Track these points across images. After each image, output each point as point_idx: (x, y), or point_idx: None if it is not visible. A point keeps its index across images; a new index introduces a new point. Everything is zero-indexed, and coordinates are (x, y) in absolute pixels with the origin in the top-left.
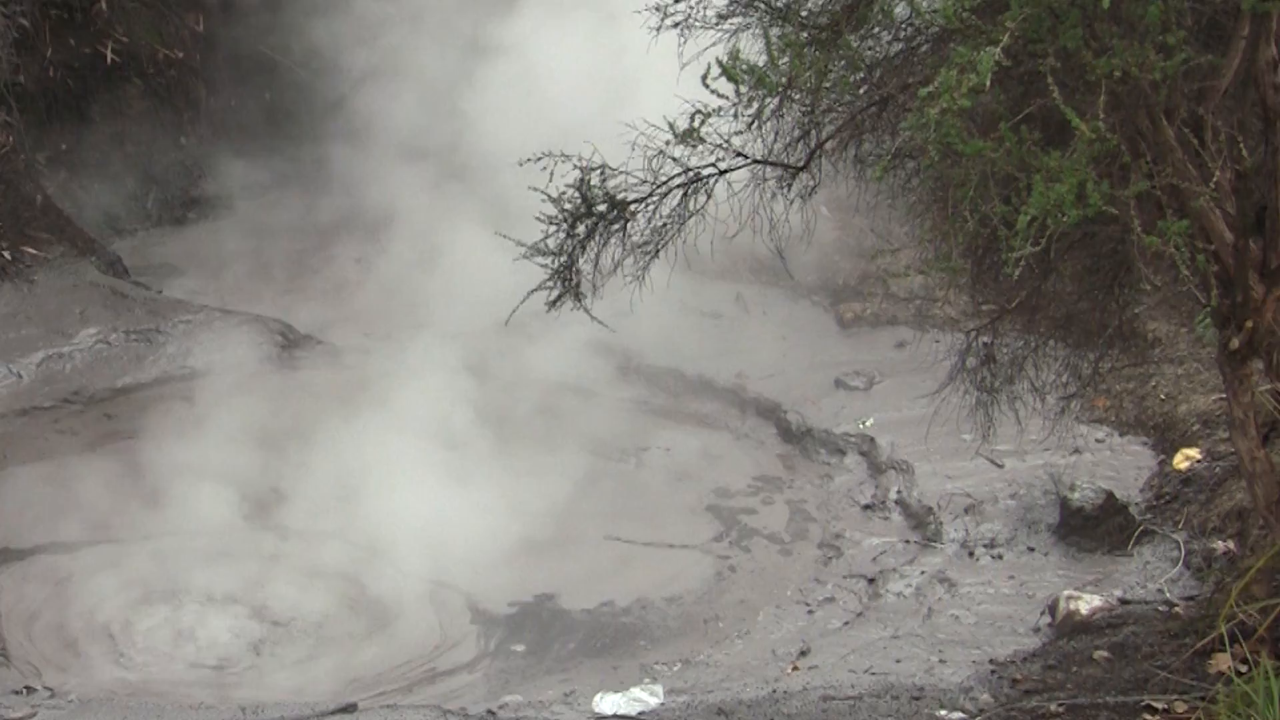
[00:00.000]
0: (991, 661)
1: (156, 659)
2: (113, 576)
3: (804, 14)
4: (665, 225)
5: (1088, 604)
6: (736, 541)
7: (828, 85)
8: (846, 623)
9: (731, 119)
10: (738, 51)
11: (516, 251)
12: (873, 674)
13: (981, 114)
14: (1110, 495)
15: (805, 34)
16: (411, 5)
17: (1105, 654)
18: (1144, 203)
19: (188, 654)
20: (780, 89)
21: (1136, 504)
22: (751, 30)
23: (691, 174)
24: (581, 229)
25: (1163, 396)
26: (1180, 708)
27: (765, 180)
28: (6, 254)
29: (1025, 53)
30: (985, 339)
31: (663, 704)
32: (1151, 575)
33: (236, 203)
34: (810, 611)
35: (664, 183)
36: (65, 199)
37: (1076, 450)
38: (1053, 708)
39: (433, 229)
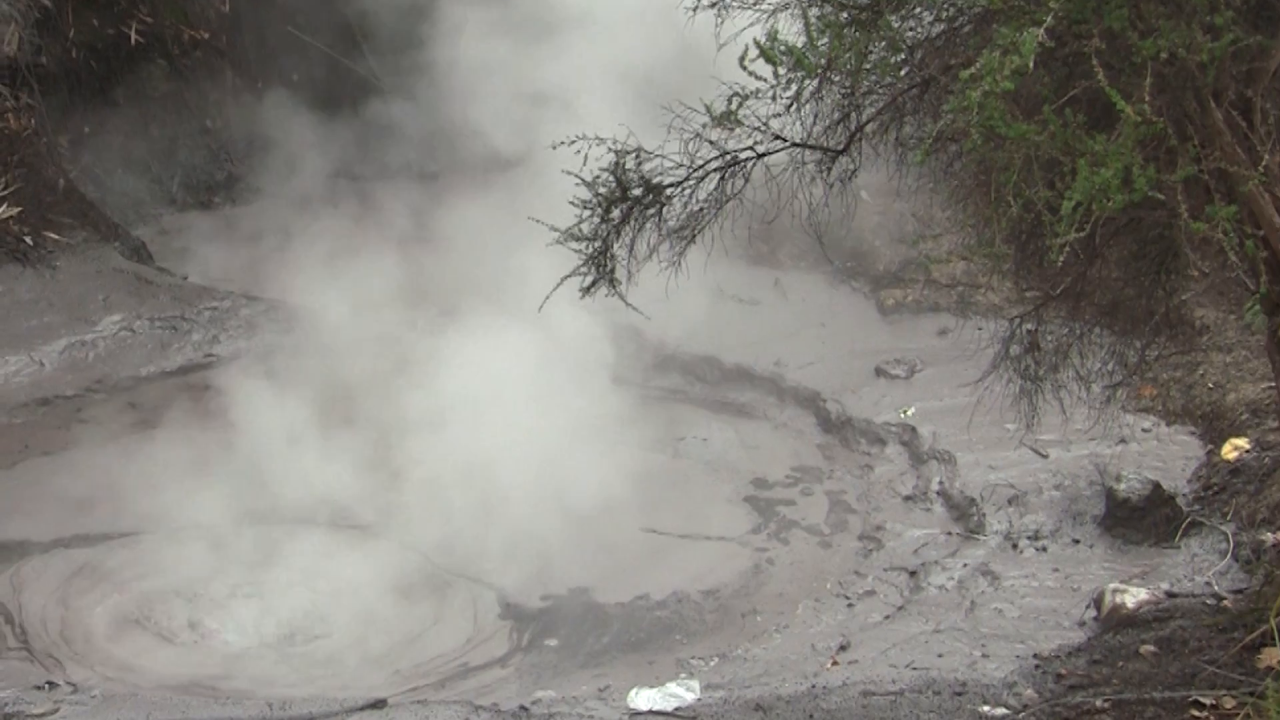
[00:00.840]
0: (1035, 656)
1: (182, 653)
2: (137, 569)
3: None
4: (702, 210)
5: (1134, 597)
6: (775, 533)
7: (868, 67)
8: (887, 616)
9: (769, 101)
10: (776, 32)
11: (551, 236)
12: (914, 669)
13: (1025, 96)
14: (1157, 486)
15: (845, 14)
16: None
17: (1152, 648)
18: (1191, 187)
19: (216, 648)
20: (819, 71)
21: (1184, 495)
22: (790, 10)
23: (729, 157)
24: (616, 213)
25: (1211, 385)
26: (1229, 703)
27: (804, 164)
28: (28, 239)
29: (1069, 34)
30: (1029, 326)
31: (699, 699)
32: (1199, 568)
33: (264, 186)
34: (850, 605)
35: (700, 166)
36: (88, 183)
37: (1122, 440)
38: (1098, 703)
39: (465, 215)
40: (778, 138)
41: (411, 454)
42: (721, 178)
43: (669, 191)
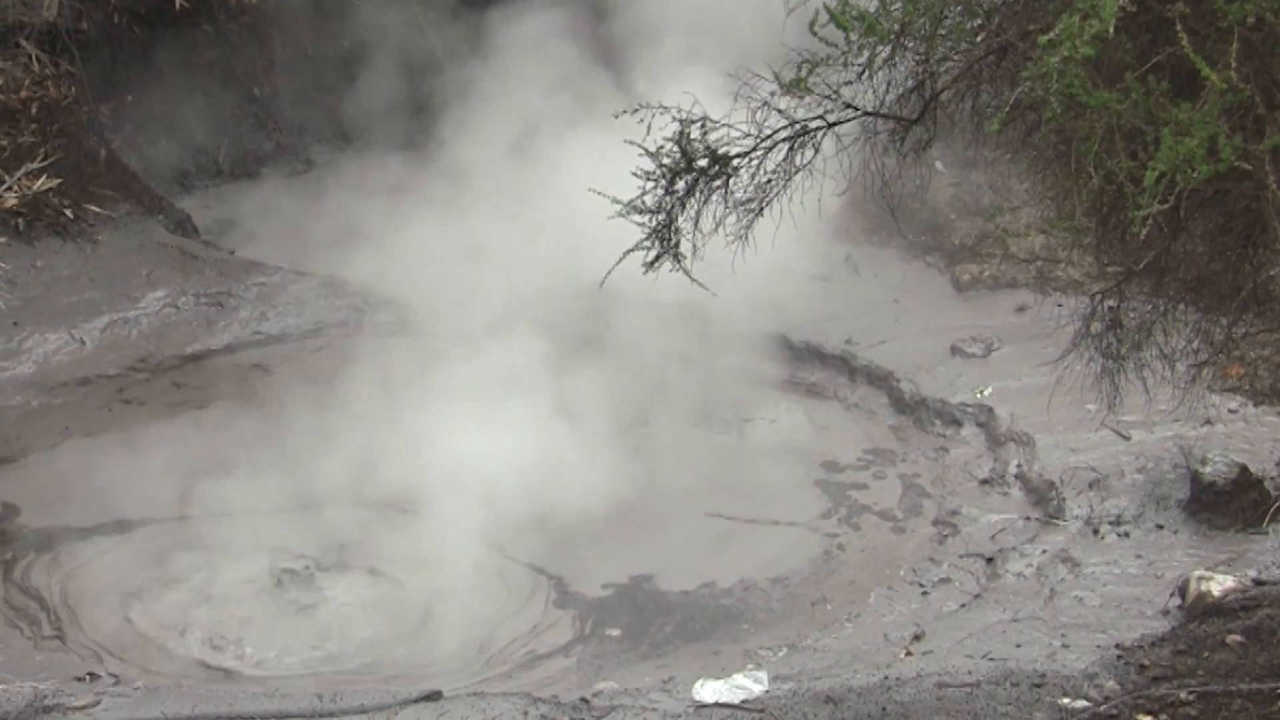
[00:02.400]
0: (1117, 646)
1: (230, 642)
2: (183, 555)
3: None
4: (770, 181)
5: (1220, 585)
6: (846, 518)
7: (943, 32)
8: (963, 605)
9: (841, 68)
10: None
11: (612, 209)
12: (991, 660)
13: (1106, 63)
14: (1244, 469)
15: None
16: None
17: (1239, 638)
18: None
19: (265, 634)
20: (893, 36)
21: (1272, 478)
22: None
23: (798, 127)
24: (681, 185)
25: None
26: None
27: (876, 134)
28: (69, 212)
29: None
30: (1111, 303)
31: (767, 691)
32: None
33: (314, 157)
34: (924, 593)
35: (769, 136)
36: (131, 153)
37: (1208, 421)
38: (1183, 695)
39: (520, 186)
40: (849, 106)
41: (465, 435)
42: (791, 148)
43: (736, 162)
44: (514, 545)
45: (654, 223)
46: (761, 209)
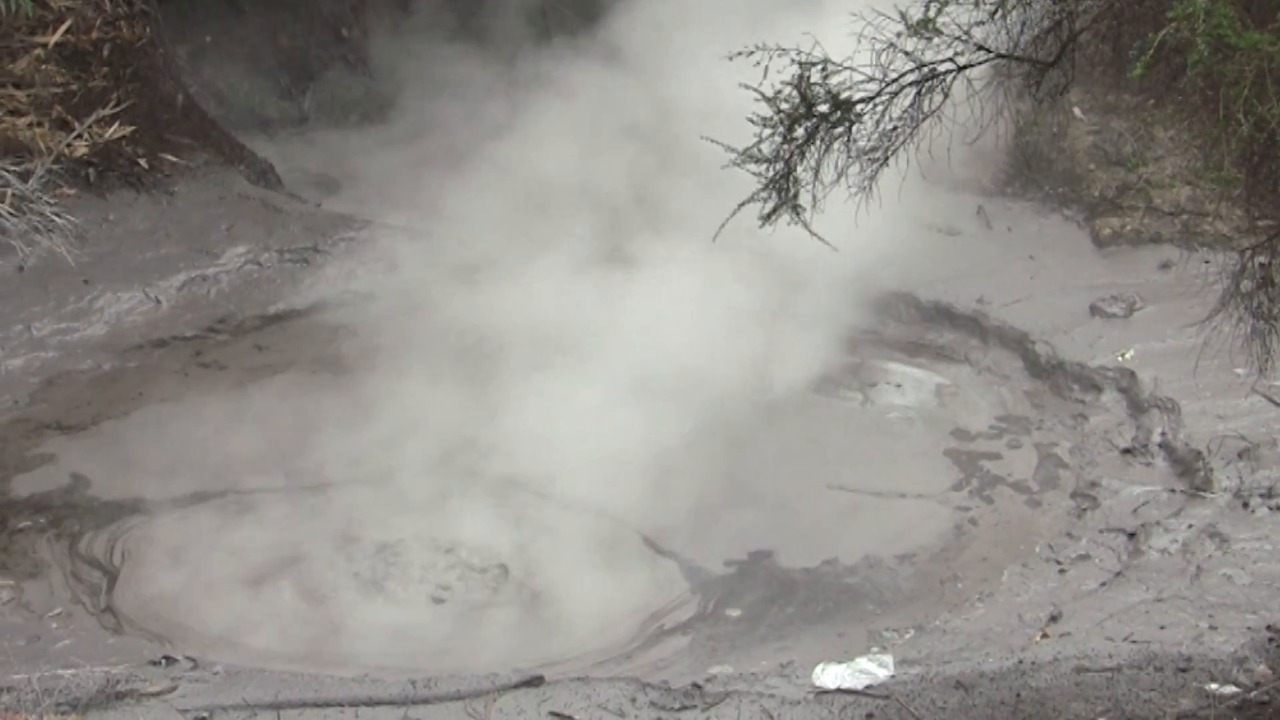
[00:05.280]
0: (1269, 628)
1: (320, 625)
2: (267, 530)
3: None
4: (896, 128)
5: None
6: (978, 491)
7: None
8: (1103, 583)
9: (972, 7)
10: None
11: (726, 158)
12: (1133, 642)
13: (1257, 3)
14: None
15: None
16: None
17: None
18: None
19: (359, 617)
20: None
21: None
22: None
23: (926, 70)
24: (800, 132)
25: None
26: None
27: (1010, 77)
28: (143, 162)
29: None
30: (1262, 259)
31: (893, 676)
32: None
33: (406, 103)
34: (1062, 571)
35: (895, 80)
36: (209, 99)
37: None
38: None
39: (623, 135)
40: (981, 48)
41: (571, 403)
42: (918, 93)
43: (859, 108)
44: (631, 519)
45: (771, 172)
46: (886, 158)
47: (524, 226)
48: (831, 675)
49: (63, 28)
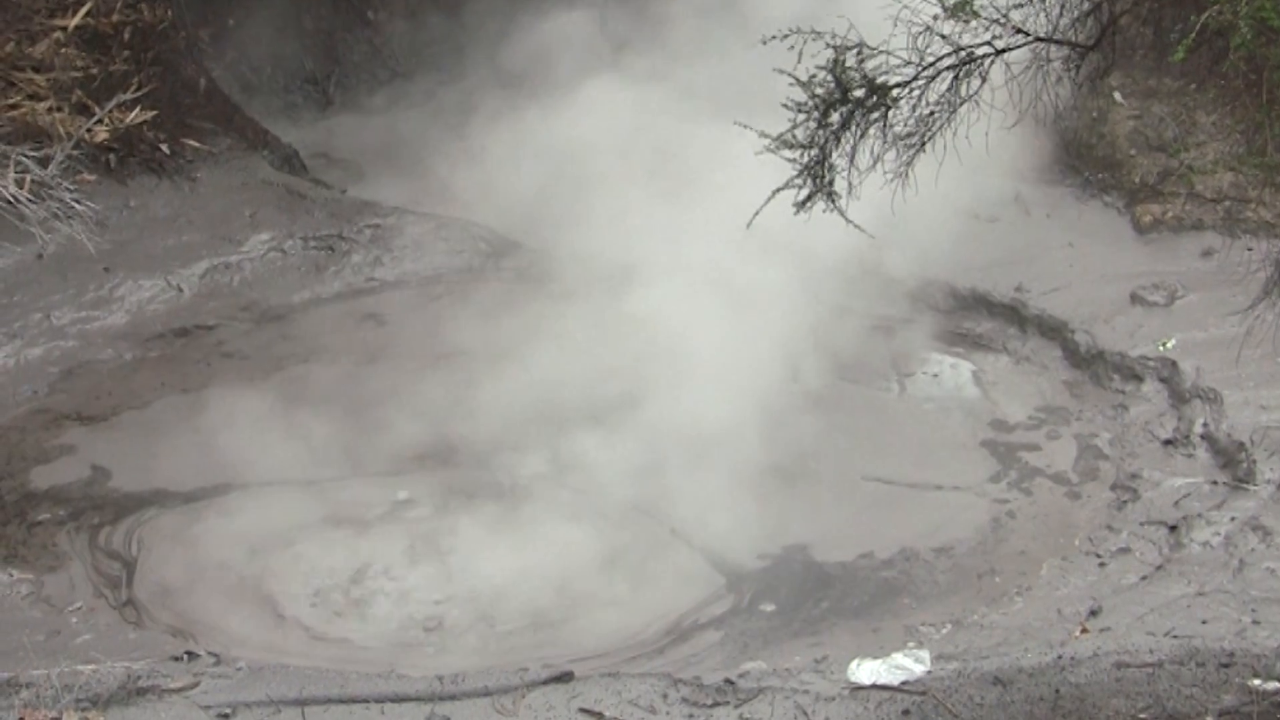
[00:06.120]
0: None
1: (343, 619)
2: (291, 521)
3: None
4: (932, 113)
5: None
6: (1016, 483)
7: None
8: (1144, 577)
9: None
10: None
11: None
12: (1174, 637)
13: None
14: None
15: None
16: None
17: None
18: None
19: (385, 613)
20: None
21: None
22: None
23: (964, 54)
24: (835, 117)
25: None
26: None
27: (1049, 61)
28: (164, 148)
29: None
30: None
31: (929, 672)
32: None
33: (434, 88)
34: (1102, 564)
35: (932, 64)
36: (233, 83)
37: None
38: None
39: (663, 125)
40: (1019, 31)
41: (605, 393)
42: (955, 77)
43: (895, 92)
44: (663, 512)
45: (806, 159)
46: (923, 144)
47: (549, 210)
48: (867, 671)
49: (83, 10)
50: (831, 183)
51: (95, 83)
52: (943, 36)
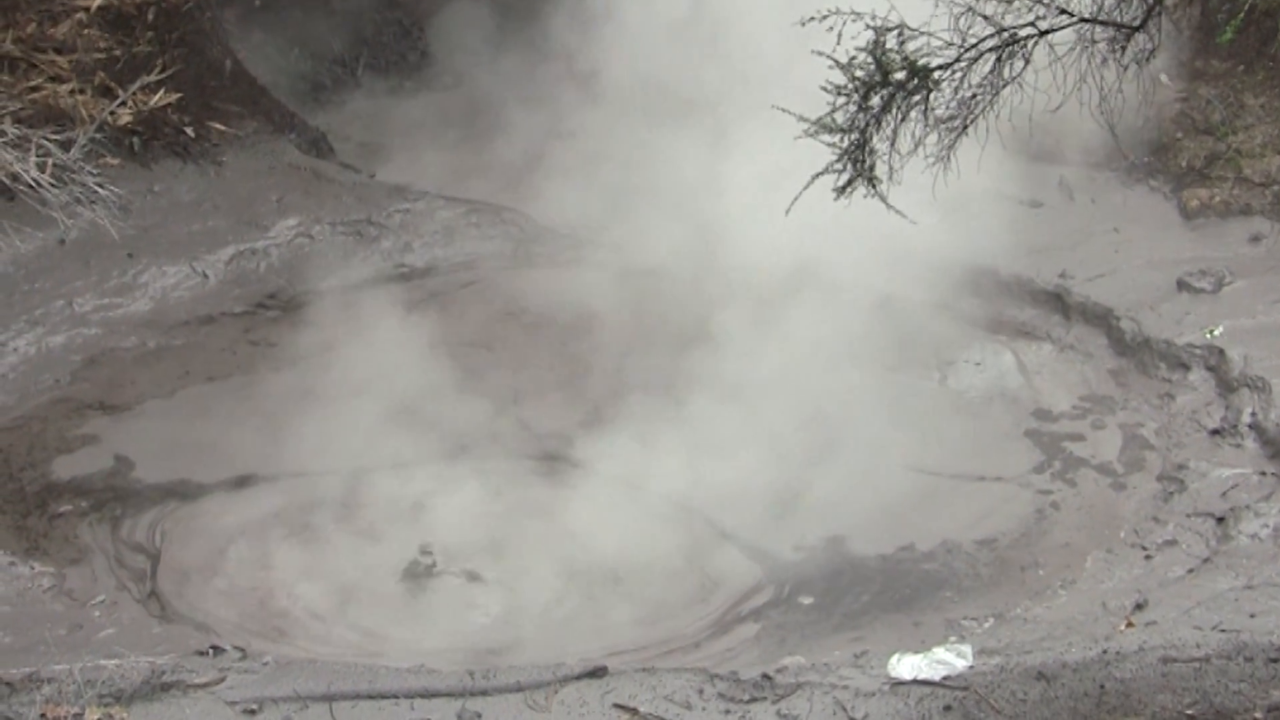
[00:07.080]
0: None
1: (377, 613)
2: (322, 515)
3: None
4: (975, 96)
5: None
6: (1060, 473)
7: None
8: (1191, 570)
9: None
10: None
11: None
12: (1222, 631)
13: None
14: None
15: None
16: None
17: None
18: None
19: (419, 607)
20: None
21: None
22: None
23: (1007, 35)
24: (876, 101)
25: None
26: None
27: (1094, 42)
28: (189, 131)
29: None
30: None
31: (971, 667)
32: None
33: (464, 70)
34: (1148, 557)
35: (974, 45)
36: (259, 65)
37: None
38: None
39: (689, 104)
40: (1064, 12)
41: (646, 383)
42: (998, 59)
43: (937, 75)
44: (700, 504)
45: (846, 143)
46: (965, 127)
47: (582, 195)
48: (908, 666)
49: None
50: (872, 167)
51: (118, 64)
52: (985, 17)
